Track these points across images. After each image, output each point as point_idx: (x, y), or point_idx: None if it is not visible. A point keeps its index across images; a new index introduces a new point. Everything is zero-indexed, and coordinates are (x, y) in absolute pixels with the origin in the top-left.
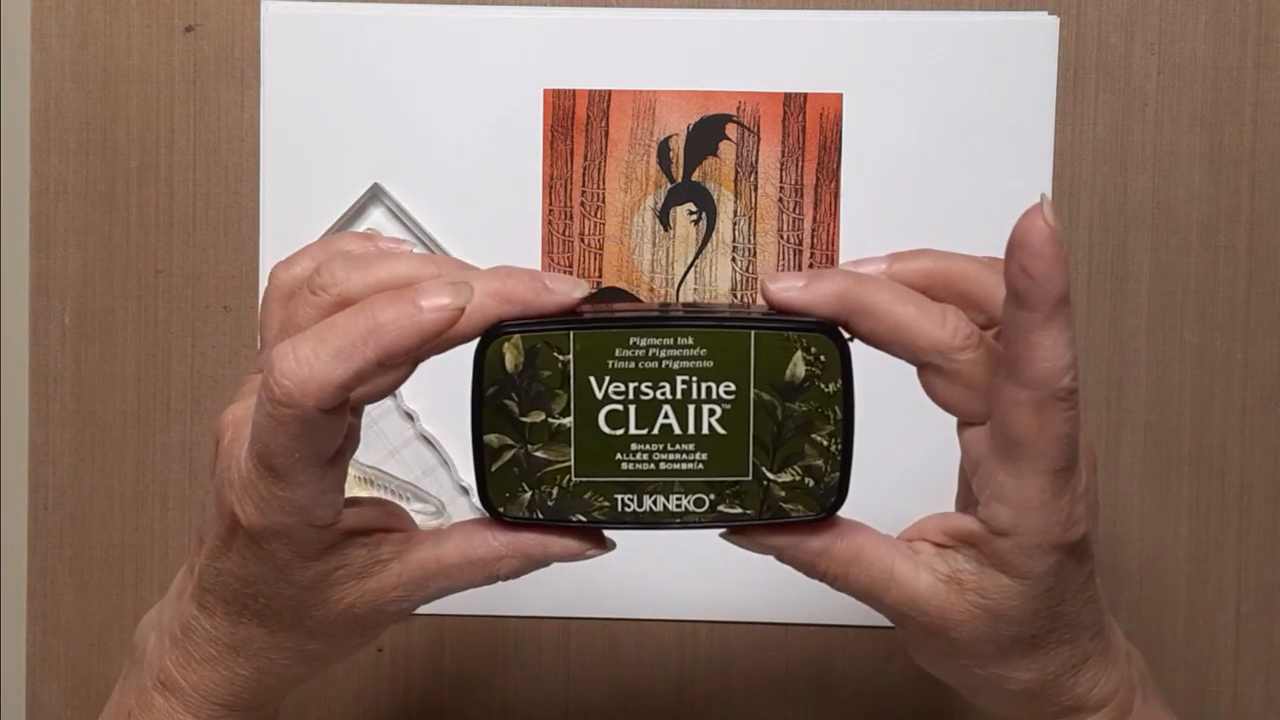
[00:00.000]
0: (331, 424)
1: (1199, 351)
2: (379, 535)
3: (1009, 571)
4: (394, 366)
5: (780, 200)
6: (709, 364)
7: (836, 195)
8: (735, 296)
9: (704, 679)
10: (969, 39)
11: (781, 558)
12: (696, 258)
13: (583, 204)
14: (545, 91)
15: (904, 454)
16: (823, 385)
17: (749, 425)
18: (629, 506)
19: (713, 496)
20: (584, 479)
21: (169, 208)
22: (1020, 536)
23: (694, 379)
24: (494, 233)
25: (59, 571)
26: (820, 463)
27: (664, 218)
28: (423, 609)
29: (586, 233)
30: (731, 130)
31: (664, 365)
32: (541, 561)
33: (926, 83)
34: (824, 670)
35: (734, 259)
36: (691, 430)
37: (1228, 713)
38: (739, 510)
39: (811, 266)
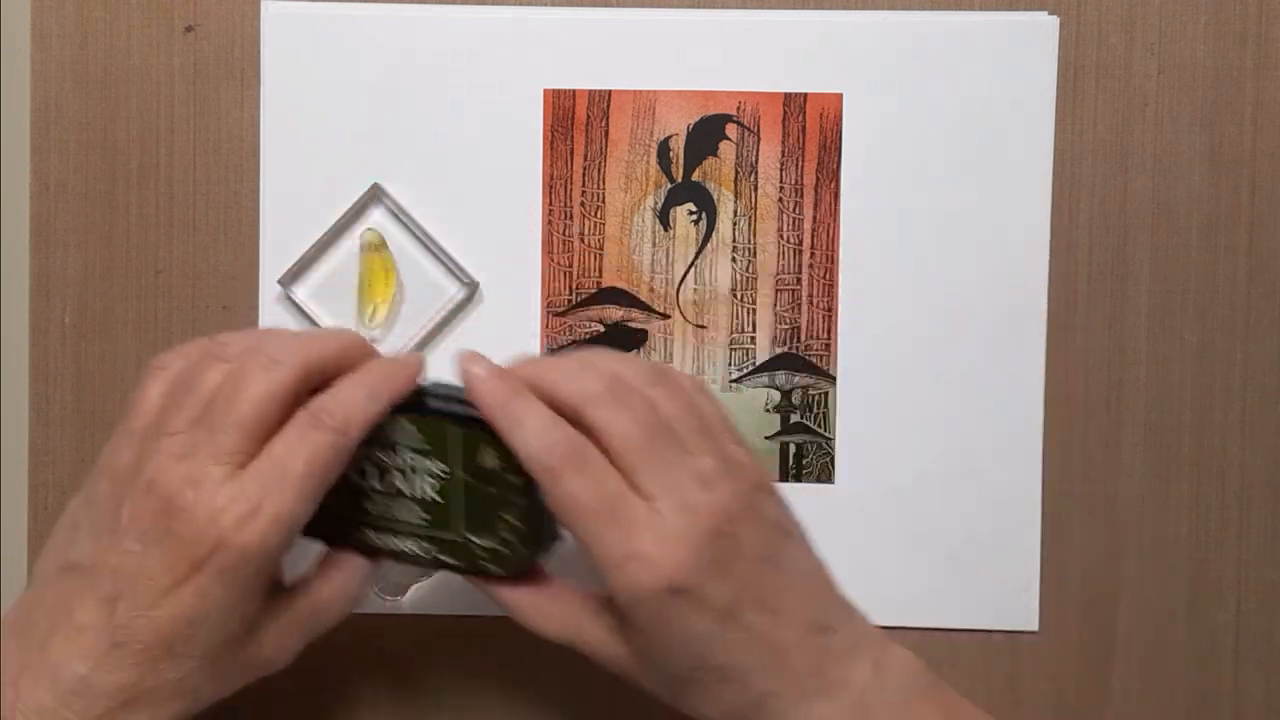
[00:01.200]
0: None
1: (1199, 351)
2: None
3: (631, 622)
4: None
5: (780, 200)
6: (427, 446)
7: (836, 195)
8: (735, 297)
9: None
10: (969, 39)
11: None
12: (696, 257)
13: (583, 204)
14: (545, 91)
15: (917, 450)
16: (510, 476)
17: (456, 497)
18: (376, 542)
19: (435, 547)
20: (350, 513)
21: (169, 208)
22: (617, 594)
23: (417, 455)
24: (494, 232)
25: None
26: (511, 536)
27: (664, 217)
28: (422, 609)
29: (586, 232)
30: (731, 130)
31: (397, 441)
32: (363, 574)
33: (927, 83)
34: None
35: (734, 259)
36: (417, 494)
37: (1228, 713)
38: (453, 562)
39: (811, 267)
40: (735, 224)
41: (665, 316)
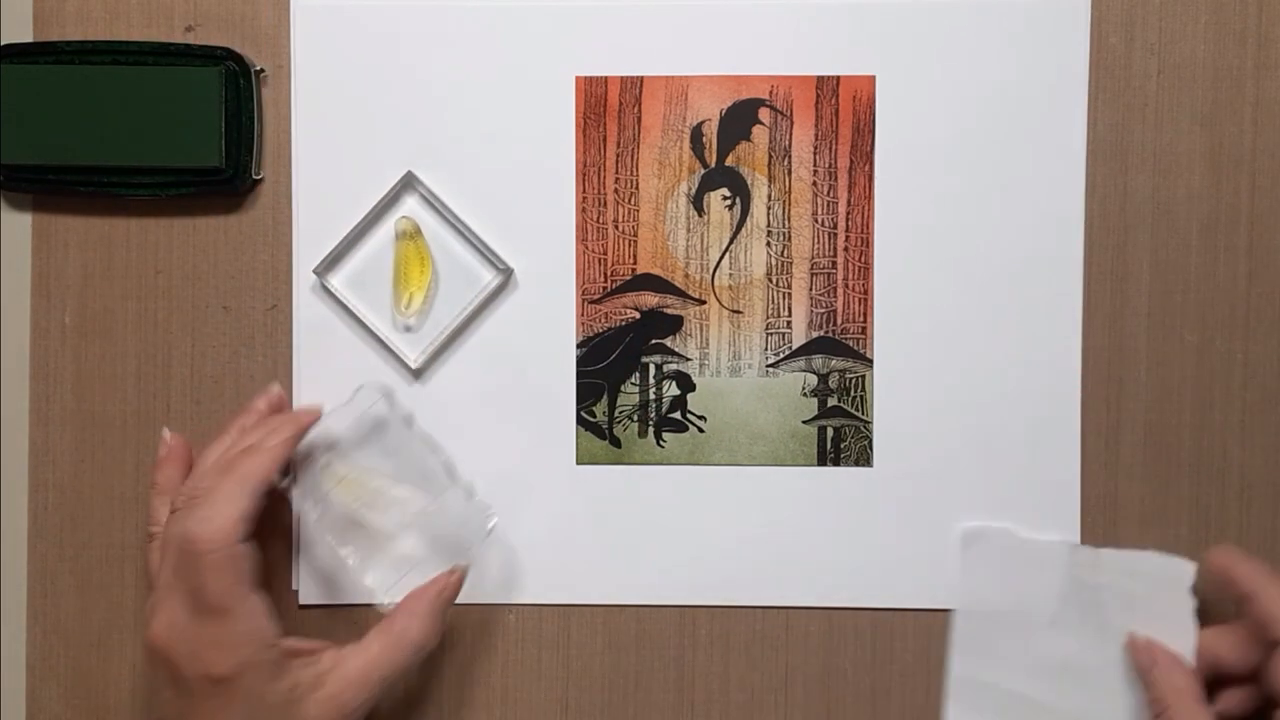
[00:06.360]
0: (249, 552)
1: (1199, 351)
2: (314, 655)
3: None
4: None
5: (814, 184)
6: None
7: (871, 178)
8: (771, 281)
9: (704, 663)
10: (1001, 20)
11: None
12: (731, 242)
13: (616, 190)
14: (577, 78)
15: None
16: None
17: None
18: None
19: None
20: None
21: (169, 207)
22: None
23: None
24: (528, 219)
25: (59, 571)
26: None
27: (698, 203)
28: None
29: (620, 219)
30: (764, 114)
31: None
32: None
33: (959, 64)
34: (824, 650)
35: (769, 243)
36: None
37: None
38: None
39: (846, 250)
40: (769, 208)
41: (700, 302)
